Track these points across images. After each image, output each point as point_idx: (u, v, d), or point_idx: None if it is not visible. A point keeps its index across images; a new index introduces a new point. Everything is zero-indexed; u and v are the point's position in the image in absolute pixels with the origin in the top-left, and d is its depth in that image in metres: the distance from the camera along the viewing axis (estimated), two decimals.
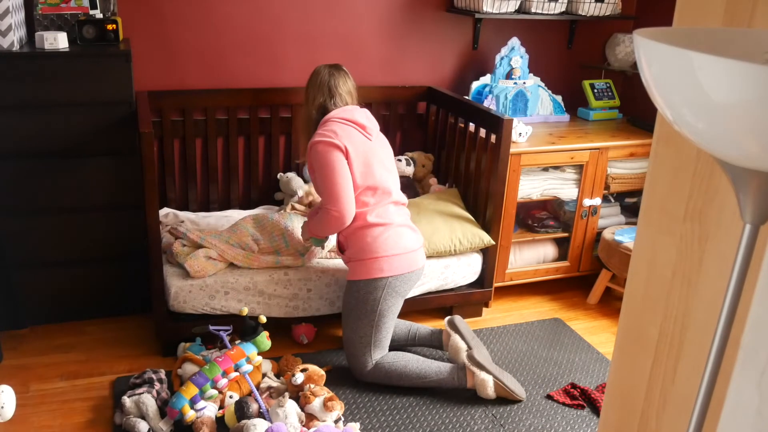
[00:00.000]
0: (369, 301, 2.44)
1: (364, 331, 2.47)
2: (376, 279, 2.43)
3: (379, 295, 2.44)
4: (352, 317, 2.48)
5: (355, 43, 3.34)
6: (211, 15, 3.08)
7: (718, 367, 0.95)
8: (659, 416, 1.35)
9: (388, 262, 2.44)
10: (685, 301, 1.26)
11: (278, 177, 3.26)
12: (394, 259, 2.45)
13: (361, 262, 2.45)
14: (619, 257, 3.06)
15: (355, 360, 2.51)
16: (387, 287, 2.44)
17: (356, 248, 2.47)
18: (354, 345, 2.50)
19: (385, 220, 2.47)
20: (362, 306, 2.45)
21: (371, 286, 2.43)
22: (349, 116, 2.48)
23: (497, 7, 3.23)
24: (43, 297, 2.79)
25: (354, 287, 2.47)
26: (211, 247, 2.62)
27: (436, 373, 2.50)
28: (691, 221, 1.24)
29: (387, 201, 2.51)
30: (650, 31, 0.89)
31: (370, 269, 2.44)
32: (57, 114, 2.59)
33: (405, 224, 2.53)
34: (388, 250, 2.44)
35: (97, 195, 2.72)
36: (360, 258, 2.45)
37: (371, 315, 2.45)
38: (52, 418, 2.32)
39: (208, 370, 2.25)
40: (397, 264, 2.45)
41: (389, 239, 2.45)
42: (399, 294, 2.48)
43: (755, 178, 0.83)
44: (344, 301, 2.52)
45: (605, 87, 3.66)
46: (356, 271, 2.47)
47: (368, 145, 2.48)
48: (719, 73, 0.72)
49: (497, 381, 2.47)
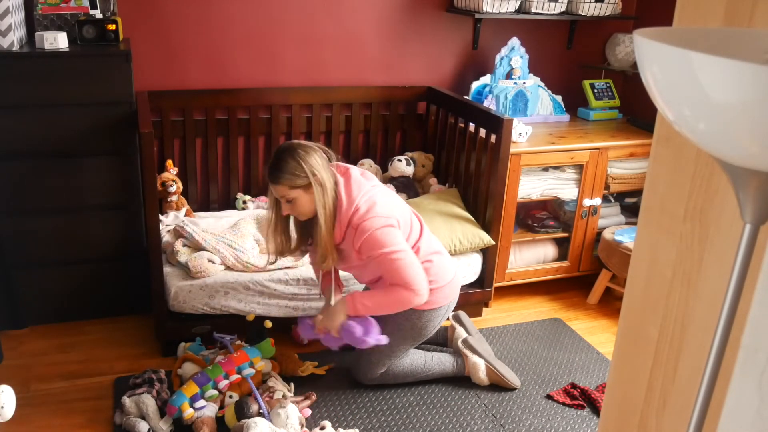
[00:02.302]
0: (428, 328, 2.43)
1: (401, 348, 2.46)
2: (441, 310, 2.42)
3: (437, 324, 2.45)
4: (398, 336, 2.42)
5: (355, 43, 3.34)
6: (211, 15, 3.08)
7: (718, 367, 0.95)
8: (659, 416, 1.35)
9: (449, 288, 2.44)
10: (685, 301, 1.26)
11: None
12: (451, 285, 2.45)
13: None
14: (619, 257, 3.06)
15: (371, 367, 2.48)
16: (445, 315, 2.45)
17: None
18: (380, 356, 2.45)
19: (434, 249, 2.43)
20: (418, 332, 2.43)
21: (434, 315, 2.42)
22: (365, 188, 2.26)
23: (497, 7, 3.23)
24: (43, 297, 2.79)
25: (414, 314, 2.40)
26: (214, 252, 2.62)
27: (438, 364, 2.53)
28: (691, 221, 1.24)
29: (419, 230, 2.43)
30: (650, 31, 0.89)
31: (435, 299, 2.38)
32: (57, 114, 2.59)
33: (444, 251, 2.51)
34: (446, 278, 2.43)
35: (98, 195, 2.72)
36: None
37: (419, 339, 2.46)
38: (52, 418, 2.32)
39: (210, 371, 2.25)
40: (450, 289, 2.45)
41: (443, 267, 2.43)
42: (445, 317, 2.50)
43: (755, 178, 0.83)
44: (393, 320, 2.39)
45: (605, 87, 3.66)
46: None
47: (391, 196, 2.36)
48: (719, 73, 0.72)
49: (489, 365, 2.51)
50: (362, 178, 2.30)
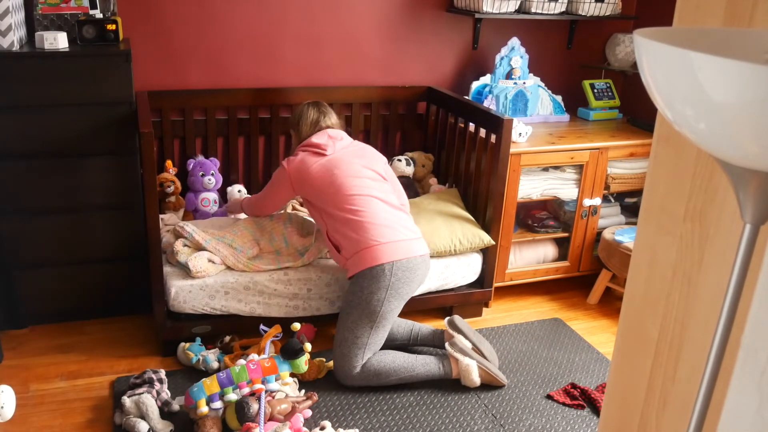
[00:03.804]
0: (372, 301, 2.42)
1: (362, 332, 2.45)
2: (379, 275, 2.40)
3: (383, 296, 2.42)
4: (352, 317, 2.46)
5: (355, 43, 3.34)
6: (211, 15, 3.08)
7: (718, 367, 0.95)
8: (659, 416, 1.35)
9: (387, 248, 2.42)
10: (685, 301, 1.26)
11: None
12: (390, 245, 2.43)
13: (357, 255, 2.44)
14: (619, 257, 3.06)
15: (345, 361, 2.47)
16: (390, 288, 2.42)
17: (350, 240, 2.46)
18: (348, 345, 2.46)
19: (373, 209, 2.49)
20: (365, 306, 2.43)
21: (374, 286, 2.42)
22: (307, 141, 2.66)
23: (497, 7, 3.23)
24: (43, 297, 2.79)
25: (357, 286, 2.45)
26: (215, 252, 2.62)
27: (422, 365, 2.51)
28: (691, 221, 1.24)
29: (370, 197, 2.51)
30: (650, 31, 0.89)
31: (368, 257, 2.41)
32: (57, 114, 2.59)
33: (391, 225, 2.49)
34: (383, 238, 2.44)
35: (97, 195, 2.72)
36: (355, 251, 2.45)
37: (372, 316, 2.44)
38: (52, 418, 2.32)
39: (236, 374, 2.22)
40: (394, 249, 2.43)
41: (380, 229, 2.45)
42: (401, 296, 2.47)
43: (755, 178, 0.83)
44: (344, 300, 2.52)
45: (605, 87, 3.66)
46: (355, 263, 2.45)
47: (323, 159, 2.58)
48: (719, 73, 0.72)
49: (481, 366, 2.50)
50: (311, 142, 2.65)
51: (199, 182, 3.05)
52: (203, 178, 3.04)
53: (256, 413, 2.21)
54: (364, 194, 2.51)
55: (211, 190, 3.09)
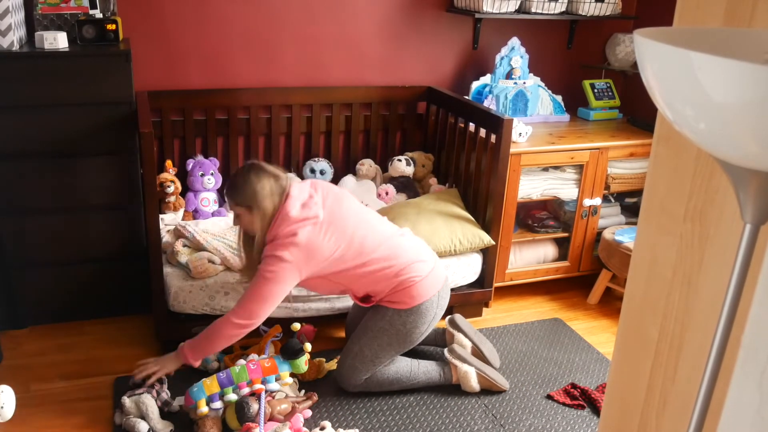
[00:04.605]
0: (414, 335, 2.39)
1: (386, 355, 2.42)
2: (428, 309, 2.37)
3: (425, 329, 2.41)
4: (382, 341, 2.39)
5: (355, 44, 3.34)
6: (211, 15, 3.08)
7: (718, 367, 0.95)
8: (659, 416, 1.35)
9: (428, 281, 2.38)
10: (685, 301, 1.26)
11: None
12: (429, 277, 2.39)
13: (401, 293, 2.36)
14: (619, 257, 3.06)
15: (355, 373, 2.43)
16: (434, 319, 2.41)
17: (388, 289, 2.37)
18: (364, 362, 2.41)
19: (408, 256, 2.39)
20: (403, 338, 2.39)
21: (417, 319, 2.37)
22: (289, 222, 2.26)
23: (497, 7, 3.23)
24: (43, 297, 2.79)
25: (398, 318, 2.37)
26: (215, 252, 2.62)
27: (424, 373, 2.50)
28: (691, 221, 1.24)
29: (390, 238, 2.42)
30: (650, 31, 0.89)
31: (415, 295, 2.35)
32: (57, 114, 2.59)
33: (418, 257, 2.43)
34: (421, 272, 2.38)
35: (97, 195, 2.72)
36: (398, 290, 2.36)
37: (406, 345, 2.42)
38: (52, 418, 2.32)
39: (236, 374, 2.22)
40: (433, 280, 2.40)
41: (414, 265, 2.39)
42: (437, 321, 2.47)
43: (755, 178, 0.83)
44: (378, 325, 2.39)
45: (605, 87, 3.66)
46: (399, 302, 2.37)
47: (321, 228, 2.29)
48: (719, 73, 0.72)
49: (480, 372, 2.50)
50: (302, 209, 2.28)
51: (198, 182, 3.05)
52: (203, 177, 3.04)
53: (256, 413, 2.21)
54: (386, 237, 2.41)
55: (210, 190, 3.09)
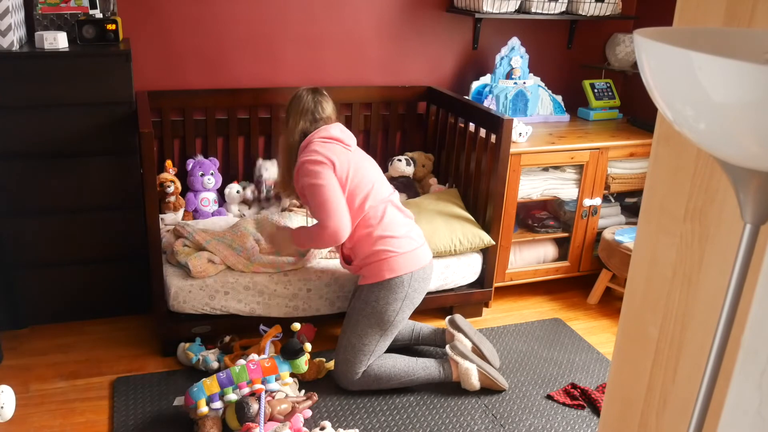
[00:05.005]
0: (387, 312, 2.40)
1: (370, 339, 2.43)
2: (397, 286, 2.39)
3: (398, 307, 2.41)
4: (362, 324, 2.42)
5: (355, 43, 3.34)
6: (211, 15, 3.08)
7: (718, 367, 0.95)
8: (659, 416, 1.35)
9: (404, 258, 2.40)
10: (685, 301, 1.26)
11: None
12: (407, 255, 2.41)
13: (374, 265, 2.41)
14: (619, 257, 3.06)
15: (349, 367, 2.45)
16: (406, 298, 2.42)
17: (366, 253, 2.43)
18: (354, 352, 2.44)
19: (395, 220, 2.46)
20: (378, 316, 2.41)
21: (389, 295, 2.40)
22: (325, 134, 2.47)
23: (497, 7, 3.23)
24: (43, 297, 2.79)
25: (371, 294, 2.41)
26: (215, 252, 2.62)
27: (423, 369, 2.50)
28: (691, 221, 1.24)
29: (385, 204, 2.47)
30: (650, 31, 0.89)
31: (386, 268, 2.39)
32: (57, 114, 2.59)
33: (406, 234, 2.47)
34: (400, 248, 2.41)
35: (98, 195, 2.72)
36: (372, 261, 2.41)
37: (384, 325, 2.43)
38: (52, 418, 2.32)
39: (237, 374, 2.22)
40: (411, 259, 2.41)
41: (396, 239, 2.42)
42: (414, 305, 2.47)
43: (755, 178, 0.83)
44: (355, 307, 2.46)
45: (605, 87, 3.66)
46: (371, 273, 2.42)
47: (350, 155, 2.47)
48: (719, 73, 0.72)
49: (481, 370, 2.50)
50: (328, 141, 2.47)
51: (198, 182, 3.05)
52: (203, 177, 3.04)
53: (256, 413, 2.21)
54: (384, 200, 2.48)
55: (210, 190, 3.09)
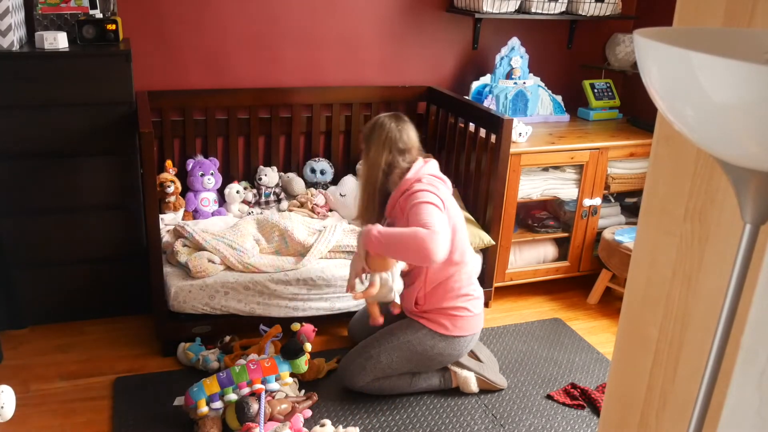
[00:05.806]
0: (435, 360, 2.44)
1: (398, 368, 2.43)
2: (460, 345, 2.42)
3: (445, 360, 2.45)
4: (403, 356, 2.41)
5: (355, 43, 3.34)
6: (211, 15, 3.08)
7: (718, 368, 0.95)
8: (659, 416, 1.35)
9: (476, 321, 2.45)
10: (685, 301, 1.26)
11: (278, 177, 3.26)
12: (477, 319, 2.46)
13: (450, 318, 2.40)
14: (619, 257, 3.06)
15: (361, 373, 2.43)
16: (458, 356, 2.46)
17: (444, 304, 2.40)
18: (374, 366, 2.41)
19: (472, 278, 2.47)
20: (426, 361, 2.43)
21: (447, 352, 2.42)
22: (433, 171, 2.33)
23: (497, 7, 3.23)
24: (43, 297, 2.79)
25: (430, 339, 2.40)
26: (214, 252, 2.62)
27: (424, 380, 2.51)
28: (691, 221, 1.24)
29: (468, 267, 2.46)
30: (650, 31, 0.89)
31: (458, 325, 2.40)
32: (57, 114, 2.59)
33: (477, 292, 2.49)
34: (476, 309, 2.45)
35: (97, 195, 2.72)
36: (448, 313, 2.40)
37: (421, 367, 2.46)
38: (52, 418, 2.32)
39: (237, 374, 2.22)
40: (476, 323, 2.46)
41: (476, 298, 2.46)
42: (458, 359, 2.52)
43: (755, 178, 0.83)
44: (407, 337, 2.41)
45: (605, 87, 3.66)
46: (441, 323, 2.40)
47: (453, 201, 2.37)
48: (719, 73, 0.72)
49: (479, 376, 2.52)
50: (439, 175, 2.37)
51: (198, 182, 3.05)
52: (203, 177, 3.04)
53: (256, 413, 2.21)
54: (469, 252, 2.47)
55: (210, 190, 3.09)
